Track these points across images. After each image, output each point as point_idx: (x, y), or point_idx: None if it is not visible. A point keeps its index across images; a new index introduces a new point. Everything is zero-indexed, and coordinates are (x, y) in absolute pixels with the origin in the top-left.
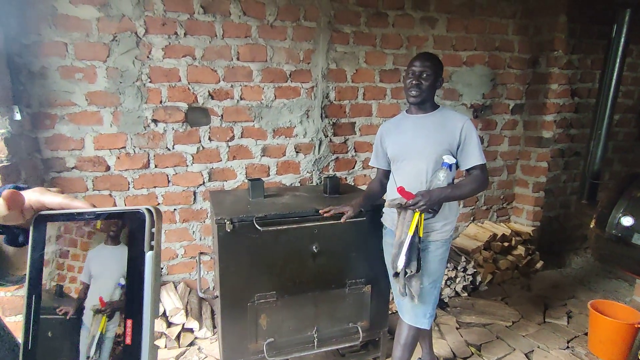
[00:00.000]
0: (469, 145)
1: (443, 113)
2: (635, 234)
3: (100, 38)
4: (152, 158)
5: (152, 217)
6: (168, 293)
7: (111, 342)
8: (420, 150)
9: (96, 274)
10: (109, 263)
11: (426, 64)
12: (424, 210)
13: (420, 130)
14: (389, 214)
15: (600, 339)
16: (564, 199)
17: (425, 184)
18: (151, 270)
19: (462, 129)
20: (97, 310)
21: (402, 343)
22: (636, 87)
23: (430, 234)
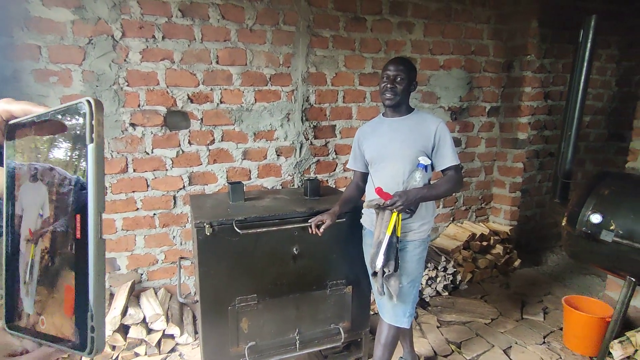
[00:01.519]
0: (443, 147)
1: (418, 116)
2: (603, 230)
3: (76, 41)
4: (130, 162)
5: (91, 108)
6: (148, 299)
7: (38, 264)
8: (397, 152)
9: (25, 206)
10: (32, 197)
11: (400, 68)
12: (401, 210)
13: (396, 132)
14: (368, 215)
15: (574, 333)
16: (539, 198)
17: (402, 185)
18: (93, 162)
19: (436, 131)
20: (28, 240)
21: (383, 343)
22: (605, 90)
23: (408, 234)
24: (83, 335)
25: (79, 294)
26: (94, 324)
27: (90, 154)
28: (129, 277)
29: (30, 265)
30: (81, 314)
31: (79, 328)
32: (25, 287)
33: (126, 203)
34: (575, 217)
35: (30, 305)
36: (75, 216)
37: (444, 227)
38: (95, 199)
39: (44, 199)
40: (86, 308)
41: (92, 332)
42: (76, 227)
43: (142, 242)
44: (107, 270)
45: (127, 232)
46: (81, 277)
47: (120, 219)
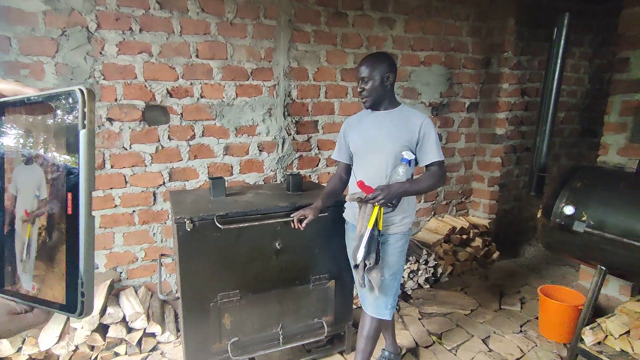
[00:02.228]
0: (427, 142)
1: (403, 111)
2: (576, 221)
3: (48, 32)
4: (107, 158)
5: (83, 96)
6: (128, 298)
7: (35, 242)
8: (381, 146)
9: (20, 188)
10: (28, 179)
11: (363, 68)
12: (383, 204)
13: (381, 126)
14: (350, 209)
15: (549, 321)
16: (516, 192)
17: (385, 178)
18: (85, 147)
19: (421, 127)
20: (24, 220)
21: (365, 335)
22: (579, 87)
23: (390, 227)
24: (73, 299)
25: (69, 264)
26: (84, 290)
27: (82, 139)
28: (107, 276)
29: (27, 244)
30: (72, 281)
31: (69, 293)
32: (22, 265)
33: (104, 200)
34: (549, 210)
35: (29, 281)
36: (67, 194)
37: (425, 221)
38: (87, 179)
39: (40, 181)
40: (76, 276)
41: (82, 297)
42: (67, 204)
43: (121, 240)
44: None
45: (105, 230)
46: (72, 248)
47: (97, 216)
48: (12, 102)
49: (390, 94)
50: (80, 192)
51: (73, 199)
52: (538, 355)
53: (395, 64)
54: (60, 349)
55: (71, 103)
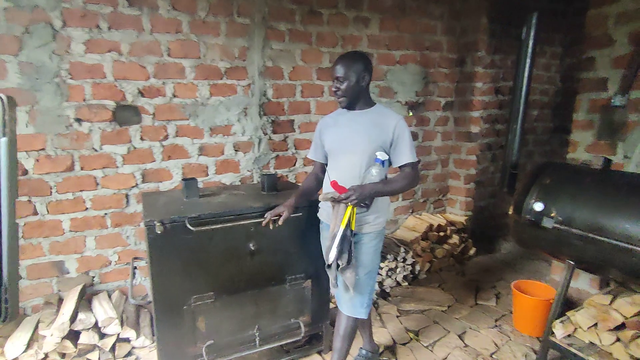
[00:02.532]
0: (401, 143)
1: (378, 111)
2: (545, 217)
3: (10, 29)
4: (77, 160)
5: (3, 104)
6: (100, 303)
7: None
8: (355, 146)
9: None
10: None
11: (337, 68)
12: (355, 204)
13: (355, 126)
14: (324, 209)
15: (522, 315)
16: (492, 189)
17: (359, 178)
18: (6, 155)
19: (395, 128)
20: None
21: (342, 334)
22: (550, 85)
23: (364, 227)
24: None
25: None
26: (8, 297)
27: (2, 147)
28: (79, 281)
29: None
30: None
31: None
32: None
33: (74, 203)
34: (520, 206)
35: None
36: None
37: (403, 219)
38: (8, 187)
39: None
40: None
41: (5, 304)
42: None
43: (92, 244)
44: (55, 274)
45: (75, 234)
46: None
47: (67, 220)
48: None
49: (366, 93)
50: (2, 201)
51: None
52: (512, 349)
53: (371, 63)
54: (29, 358)
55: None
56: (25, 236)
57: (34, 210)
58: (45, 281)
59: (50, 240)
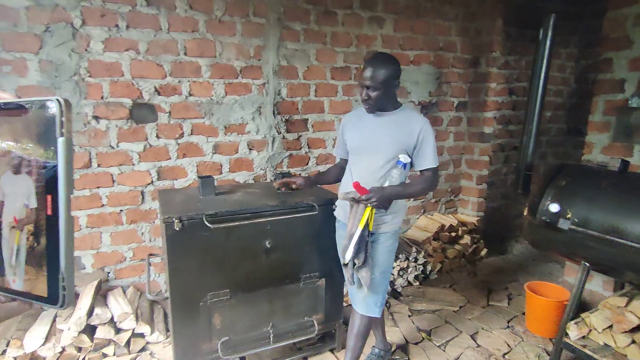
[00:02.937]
0: (425, 147)
1: (404, 113)
2: (561, 219)
3: (31, 29)
4: (94, 157)
5: (61, 106)
6: (116, 298)
7: (25, 248)
8: (378, 147)
9: (8, 195)
10: (17, 188)
11: (371, 77)
12: (375, 206)
13: (380, 127)
14: (341, 207)
15: (535, 316)
16: (504, 190)
17: (379, 180)
18: (63, 153)
19: (420, 131)
20: (12, 227)
21: (355, 333)
22: (565, 86)
23: (381, 226)
24: (54, 293)
25: (49, 260)
26: (65, 284)
27: (60, 147)
28: (95, 276)
29: (17, 250)
30: (53, 276)
31: (51, 287)
32: (12, 270)
33: (90, 199)
34: (535, 207)
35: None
36: (47, 196)
37: (415, 219)
38: (65, 183)
39: (29, 191)
40: (57, 271)
41: (63, 291)
42: (47, 206)
43: (108, 240)
44: None
45: (92, 230)
46: (51, 246)
47: (84, 216)
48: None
49: (394, 96)
50: (59, 195)
51: (52, 201)
52: (524, 350)
53: (399, 66)
54: (47, 351)
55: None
56: None
57: None
58: None
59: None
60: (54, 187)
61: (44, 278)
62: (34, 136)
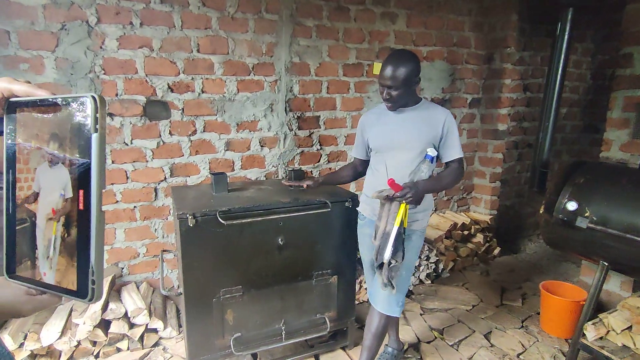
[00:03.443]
0: (450, 139)
1: (426, 106)
2: (579, 217)
3: (48, 27)
4: (108, 153)
5: (96, 103)
6: (129, 293)
7: (60, 239)
8: (405, 142)
9: (44, 187)
10: (53, 179)
11: (391, 77)
12: (410, 202)
13: (404, 122)
14: (368, 204)
15: (550, 316)
16: (518, 188)
17: (409, 176)
18: (97, 149)
19: (444, 123)
20: (50, 218)
21: (373, 332)
22: (581, 82)
23: (413, 224)
24: (84, 286)
25: (80, 254)
26: (95, 278)
27: (94, 142)
28: (109, 272)
29: (54, 241)
30: (83, 270)
31: (80, 281)
32: (48, 262)
33: (105, 195)
34: (552, 205)
35: (52, 277)
36: (79, 191)
37: None
38: (98, 178)
39: (66, 181)
40: (87, 265)
41: (92, 285)
42: (79, 200)
43: (122, 236)
44: None
45: (106, 226)
46: (82, 240)
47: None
48: (24, 102)
49: (414, 93)
50: (92, 190)
51: (85, 196)
52: (540, 351)
53: (419, 63)
54: (63, 345)
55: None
56: None
57: None
58: None
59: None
60: (86, 182)
61: (73, 270)
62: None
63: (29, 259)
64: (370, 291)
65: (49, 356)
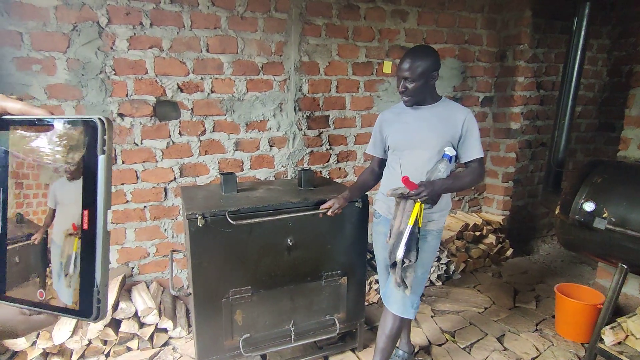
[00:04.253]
0: (470, 138)
1: (445, 105)
2: (596, 218)
3: (59, 28)
4: (119, 154)
5: (103, 125)
6: (140, 293)
7: (79, 255)
8: (424, 141)
9: (62, 202)
10: (73, 193)
11: (409, 69)
12: (425, 201)
13: (423, 121)
14: (384, 202)
15: (566, 320)
16: (531, 188)
17: (427, 174)
18: (103, 170)
19: (464, 122)
20: (70, 234)
21: (387, 334)
22: (596, 80)
23: (428, 224)
24: (87, 305)
25: (83, 273)
26: (100, 297)
27: (100, 164)
28: (119, 271)
29: (74, 258)
30: (86, 288)
31: (83, 299)
32: (67, 280)
33: (115, 195)
34: (568, 206)
35: (69, 297)
36: (84, 211)
37: None
38: (105, 199)
39: None
40: (91, 284)
41: (98, 303)
42: (83, 220)
43: (132, 236)
44: None
45: (117, 225)
46: (87, 260)
47: (109, 212)
48: (18, 121)
49: (433, 89)
50: (98, 211)
51: (90, 216)
52: (555, 355)
53: (439, 58)
54: (74, 343)
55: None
56: None
57: None
58: None
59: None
60: (91, 202)
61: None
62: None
63: (38, 276)
64: (383, 292)
65: (60, 355)
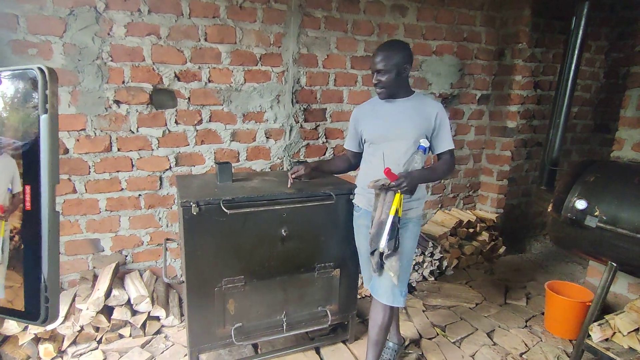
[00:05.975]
0: (442, 131)
1: (419, 98)
2: (588, 216)
3: (56, 12)
4: (114, 141)
5: (44, 77)
6: (133, 281)
7: (8, 241)
8: (400, 133)
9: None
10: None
11: (379, 59)
12: (405, 192)
13: (398, 114)
14: (364, 196)
15: (555, 317)
16: (525, 187)
17: (403, 166)
18: (47, 134)
19: (437, 115)
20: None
21: (380, 325)
22: (593, 81)
23: (408, 212)
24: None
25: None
26: (48, 295)
27: (43, 125)
28: (113, 259)
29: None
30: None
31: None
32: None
33: (110, 183)
34: (560, 204)
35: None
36: (25, 187)
37: (432, 213)
38: (49, 170)
39: (13, 173)
40: (38, 279)
41: (46, 303)
42: (25, 199)
43: (126, 223)
44: (91, 251)
45: (111, 213)
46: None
47: (104, 199)
48: None
49: (406, 82)
50: (41, 186)
51: (32, 193)
52: (543, 350)
53: (411, 52)
54: (66, 329)
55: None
56: (65, 213)
57: (73, 188)
58: (82, 258)
59: (87, 218)
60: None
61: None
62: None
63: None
64: (371, 285)
65: (52, 340)
